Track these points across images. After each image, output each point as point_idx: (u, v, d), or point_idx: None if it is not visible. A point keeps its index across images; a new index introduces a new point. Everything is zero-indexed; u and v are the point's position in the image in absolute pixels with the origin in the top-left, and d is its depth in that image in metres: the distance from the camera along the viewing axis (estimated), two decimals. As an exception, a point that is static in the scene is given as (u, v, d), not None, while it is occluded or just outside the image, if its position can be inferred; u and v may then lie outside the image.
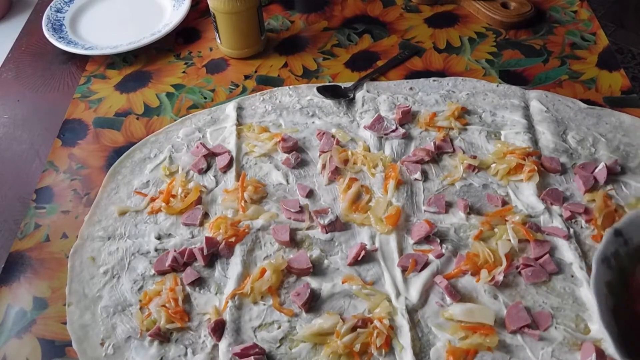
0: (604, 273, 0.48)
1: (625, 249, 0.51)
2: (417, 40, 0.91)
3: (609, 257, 0.49)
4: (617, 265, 0.50)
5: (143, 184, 0.73)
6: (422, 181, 0.71)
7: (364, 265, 0.63)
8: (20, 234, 0.69)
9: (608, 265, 0.49)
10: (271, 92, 0.83)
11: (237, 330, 0.59)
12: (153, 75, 0.89)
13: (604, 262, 0.49)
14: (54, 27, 0.95)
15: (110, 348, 0.58)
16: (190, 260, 0.64)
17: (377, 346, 0.56)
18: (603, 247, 0.50)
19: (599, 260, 0.49)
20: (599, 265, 0.49)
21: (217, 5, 0.84)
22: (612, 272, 0.49)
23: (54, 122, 0.83)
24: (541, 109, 0.77)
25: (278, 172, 0.73)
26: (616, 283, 0.49)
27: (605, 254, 0.49)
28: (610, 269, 0.49)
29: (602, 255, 0.49)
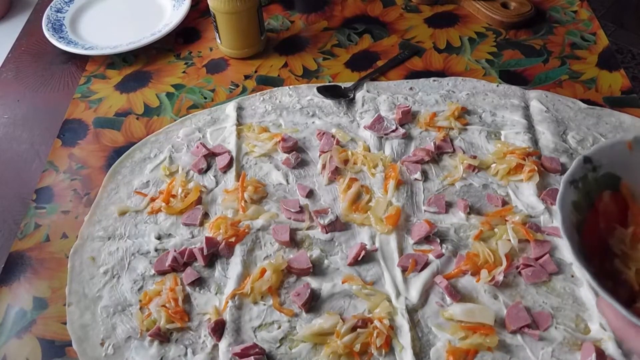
0: (571, 193, 0.50)
1: (593, 174, 0.52)
2: (417, 40, 0.92)
3: (577, 180, 0.51)
4: (584, 188, 0.51)
5: (143, 184, 0.73)
6: (422, 181, 0.71)
7: (364, 265, 0.63)
8: (20, 234, 0.69)
9: (575, 187, 0.51)
10: (271, 92, 0.83)
11: (237, 330, 0.59)
12: (153, 75, 0.89)
13: (571, 183, 0.50)
14: (54, 27, 0.95)
15: (110, 348, 0.58)
16: (190, 260, 0.64)
17: (377, 346, 0.56)
18: (572, 171, 0.51)
19: (567, 181, 0.50)
20: (567, 186, 0.50)
21: (217, 5, 0.84)
22: (579, 193, 0.51)
23: (54, 122, 0.83)
24: (541, 109, 0.77)
25: (278, 172, 0.73)
26: (582, 203, 0.51)
27: (574, 177, 0.51)
28: (577, 190, 0.51)
29: (570, 178, 0.51)
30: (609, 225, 0.52)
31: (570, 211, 0.49)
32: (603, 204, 0.52)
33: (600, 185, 0.52)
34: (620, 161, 0.53)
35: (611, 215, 0.53)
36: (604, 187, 0.53)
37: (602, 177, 0.52)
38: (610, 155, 0.52)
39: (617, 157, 0.53)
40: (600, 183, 0.52)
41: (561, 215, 0.48)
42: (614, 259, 0.50)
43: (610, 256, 0.51)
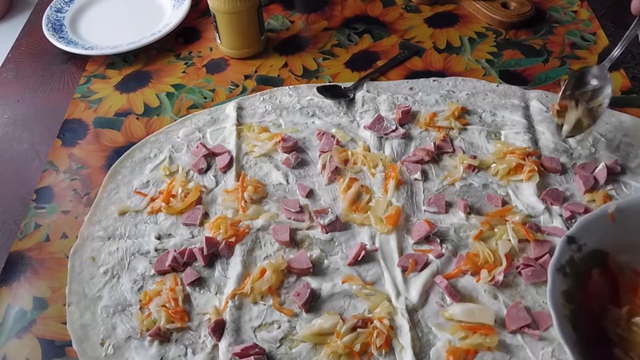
0: (560, 283, 0.48)
1: (579, 254, 0.50)
2: (417, 40, 0.91)
3: (564, 266, 0.49)
4: (572, 272, 0.50)
5: (143, 184, 0.73)
6: (422, 181, 0.71)
7: (364, 265, 0.63)
8: (20, 234, 0.69)
9: (563, 273, 0.49)
10: (271, 92, 0.83)
11: (237, 330, 0.59)
12: (153, 75, 0.89)
13: (559, 271, 0.49)
14: (54, 27, 0.95)
15: (110, 348, 0.58)
16: (190, 260, 0.64)
17: (377, 346, 0.56)
18: (557, 256, 0.49)
19: (554, 269, 0.48)
20: (555, 275, 0.48)
21: (217, 5, 0.84)
22: (568, 280, 0.49)
23: (54, 122, 0.83)
24: (541, 109, 0.77)
25: (278, 172, 0.73)
26: (573, 290, 0.49)
27: (560, 263, 0.49)
28: (565, 277, 0.49)
29: (557, 265, 0.49)
30: (602, 306, 0.50)
31: (562, 304, 0.47)
32: (593, 283, 0.50)
33: (587, 264, 0.50)
34: (605, 235, 0.51)
35: (602, 295, 0.50)
36: (592, 266, 0.50)
37: (588, 255, 0.50)
38: (594, 231, 0.50)
39: (601, 231, 0.51)
40: (587, 262, 0.50)
41: (554, 312, 0.45)
42: (614, 348, 0.48)
43: (609, 342, 0.49)
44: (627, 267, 0.51)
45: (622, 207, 0.51)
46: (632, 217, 0.51)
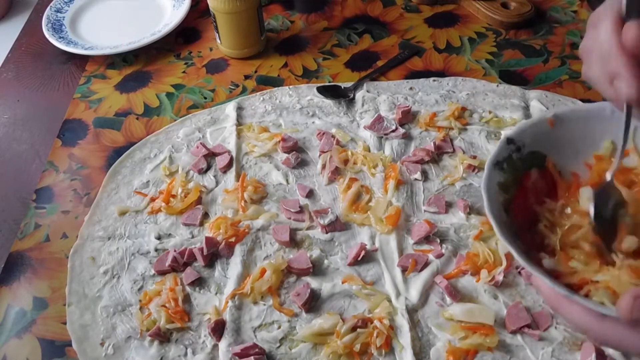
0: (496, 175, 0.50)
1: (518, 154, 0.52)
2: (417, 40, 0.91)
3: (502, 162, 0.51)
4: (509, 168, 0.52)
5: (143, 184, 0.73)
6: (422, 181, 0.71)
7: (364, 265, 0.63)
8: (20, 234, 0.69)
9: (500, 168, 0.51)
10: (271, 92, 0.83)
11: (237, 330, 0.59)
12: (153, 75, 0.89)
13: (496, 165, 0.51)
14: (54, 27, 0.95)
15: (110, 348, 0.58)
16: (190, 260, 0.64)
17: (377, 346, 0.56)
18: (496, 153, 0.51)
19: (491, 164, 0.51)
20: (491, 168, 0.50)
21: (217, 5, 0.84)
22: (504, 174, 0.51)
23: (54, 122, 0.83)
24: (541, 109, 0.77)
25: (278, 172, 0.73)
26: (508, 183, 0.51)
27: (498, 159, 0.51)
28: (502, 171, 0.51)
29: (494, 160, 0.51)
30: (539, 199, 0.52)
31: (497, 192, 0.50)
32: (531, 181, 0.53)
33: (526, 164, 0.53)
34: (544, 139, 0.53)
35: (541, 191, 0.53)
36: (530, 166, 0.53)
37: (527, 156, 0.53)
38: (533, 134, 0.53)
39: (540, 135, 0.53)
40: (526, 162, 0.53)
41: (486, 196, 0.48)
42: (538, 224, 0.51)
43: (535, 222, 0.51)
44: (564, 169, 0.54)
45: (560, 114, 0.54)
46: (569, 123, 0.53)
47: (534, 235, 0.50)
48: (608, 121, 0.52)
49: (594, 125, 0.53)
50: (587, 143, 0.54)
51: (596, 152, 0.53)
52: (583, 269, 0.46)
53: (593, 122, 0.53)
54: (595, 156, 0.53)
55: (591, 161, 0.53)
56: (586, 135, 0.53)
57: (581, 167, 0.53)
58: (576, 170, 0.54)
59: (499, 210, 0.48)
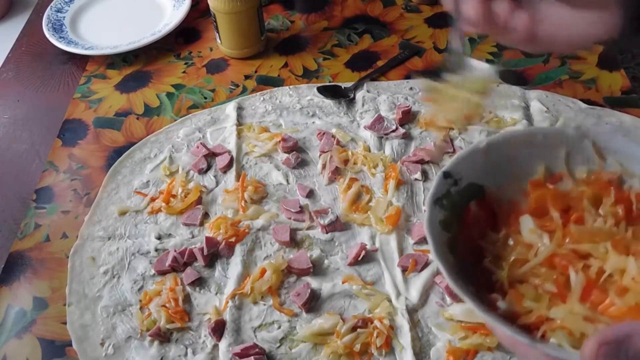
0: (437, 213, 0.50)
1: (456, 188, 0.52)
2: (417, 40, 0.91)
3: (441, 198, 0.50)
4: (449, 204, 0.51)
5: (143, 184, 0.73)
6: (423, 181, 0.71)
7: (364, 265, 0.63)
8: (20, 234, 0.69)
9: (440, 205, 0.50)
10: (271, 92, 0.83)
11: (237, 330, 0.59)
12: (153, 75, 0.89)
13: (436, 203, 0.50)
14: (54, 27, 0.95)
15: (110, 348, 0.58)
16: (190, 260, 0.64)
17: (377, 346, 0.56)
18: (434, 190, 0.51)
19: (432, 202, 0.50)
20: (432, 207, 0.49)
21: (217, 5, 0.84)
22: (445, 211, 0.50)
23: (54, 122, 0.83)
24: (541, 109, 0.77)
25: (278, 172, 0.73)
26: (450, 220, 0.50)
27: (437, 196, 0.50)
28: (442, 208, 0.50)
29: (433, 198, 0.50)
30: (482, 232, 0.52)
31: (440, 231, 0.49)
32: (472, 214, 0.52)
33: (464, 197, 0.52)
34: (479, 169, 0.52)
35: (482, 224, 0.52)
36: (469, 199, 0.52)
37: (465, 189, 0.52)
38: (468, 166, 0.52)
39: (475, 165, 0.52)
40: (465, 195, 0.52)
41: (430, 238, 0.47)
42: (483, 260, 0.50)
43: (480, 257, 0.50)
44: (503, 198, 0.53)
45: (492, 142, 0.53)
46: (502, 151, 0.53)
47: (481, 272, 0.49)
48: (541, 146, 0.53)
49: (527, 151, 0.53)
50: (522, 170, 0.53)
51: (532, 178, 0.53)
52: (537, 307, 0.45)
53: (526, 148, 0.53)
54: (531, 182, 0.53)
55: (528, 187, 0.53)
56: (520, 161, 0.53)
57: (519, 194, 0.53)
58: (514, 197, 0.53)
59: (445, 252, 0.47)
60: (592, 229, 0.49)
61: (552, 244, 0.48)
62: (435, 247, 0.46)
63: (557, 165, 0.53)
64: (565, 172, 0.53)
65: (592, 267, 0.47)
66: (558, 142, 0.53)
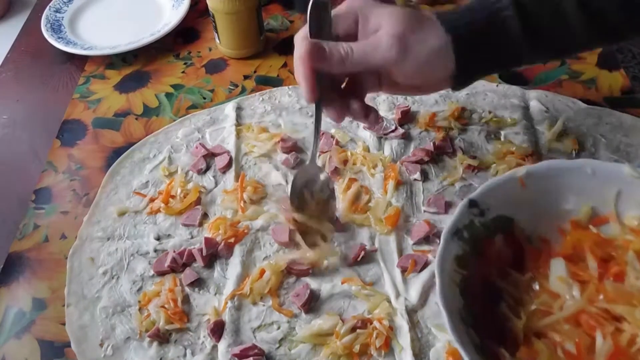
0: (454, 247, 0.44)
1: (481, 219, 0.46)
2: (417, 40, 0.91)
3: (461, 230, 0.45)
4: (470, 237, 0.45)
5: (142, 184, 0.73)
6: (422, 181, 0.71)
7: (363, 265, 0.63)
8: (19, 235, 0.69)
9: (459, 237, 0.45)
10: (270, 92, 0.83)
11: (237, 331, 0.59)
12: (152, 75, 0.89)
13: (454, 234, 0.45)
14: (53, 27, 0.95)
15: (109, 349, 0.58)
16: (189, 261, 0.64)
17: (376, 347, 0.56)
18: (455, 219, 0.45)
19: (450, 233, 0.45)
20: (449, 239, 0.44)
21: (216, 5, 0.83)
22: (465, 245, 0.45)
23: (53, 122, 0.83)
24: (541, 109, 0.77)
25: (277, 172, 0.73)
26: (468, 255, 0.45)
27: (458, 227, 0.45)
28: (461, 241, 0.45)
29: (453, 228, 0.45)
30: (503, 272, 0.46)
31: (453, 270, 0.43)
32: (495, 250, 0.47)
33: (490, 229, 0.47)
34: (512, 200, 0.47)
35: (505, 261, 0.47)
36: (494, 232, 0.47)
37: (492, 220, 0.47)
38: (500, 196, 0.47)
39: (508, 196, 0.47)
40: (490, 228, 0.47)
41: (439, 278, 0.41)
42: (501, 303, 0.45)
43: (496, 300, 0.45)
44: (534, 234, 0.48)
45: (533, 171, 0.48)
46: (543, 182, 0.48)
47: (495, 318, 0.44)
48: (587, 182, 0.47)
49: (572, 185, 0.48)
50: (563, 206, 0.48)
51: (574, 217, 0.47)
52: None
53: (571, 182, 0.48)
54: (572, 222, 0.47)
55: (566, 226, 0.47)
56: (562, 196, 0.48)
57: (554, 233, 0.48)
58: (547, 236, 0.48)
59: (454, 296, 0.42)
60: (631, 289, 0.43)
61: (582, 299, 0.42)
62: (442, 290, 0.41)
63: (605, 205, 0.47)
64: (613, 215, 0.47)
65: (625, 333, 0.41)
66: (610, 179, 0.47)
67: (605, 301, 0.42)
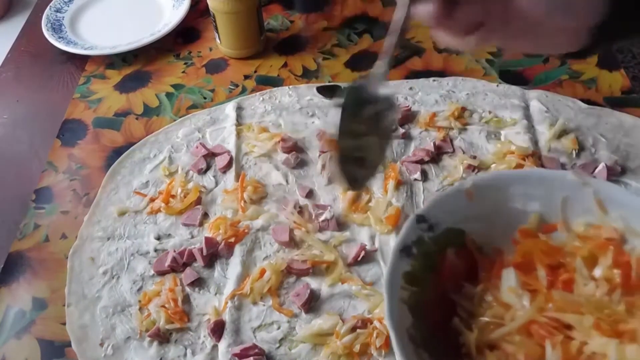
0: (402, 264, 0.43)
1: (430, 234, 0.45)
2: (417, 40, 0.91)
3: (410, 246, 0.44)
4: (420, 253, 0.45)
5: (142, 184, 0.73)
6: (422, 181, 0.71)
7: (363, 265, 0.63)
8: (20, 235, 0.69)
9: (408, 254, 0.44)
10: (271, 92, 0.83)
11: (237, 331, 0.59)
12: (152, 75, 0.89)
13: (403, 252, 0.44)
14: (53, 27, 0.95)
15: (110, 348, 0.58)
16: (189, 261, 0.64)
17: (376, 347, 0.56)
18: (403, 236, 0.44)
19: (397, 251, 0.44)
20: (397, 257, 0.43)
21: (216, 5, 0.83)
22: (414, 262, 0.44)
23: (53, 122, 0.83)
24: (541, 109, 0.77)
25: (278, 172, 0.73)
26: (418, 272, 0.44)
27: (406, 243, 0.44)
28: (410, 258, 0.44)
29: (401, 245, 0.44)
30: (457, 285, 0.46)
31: (402, 287, 0.42)
32: (448, 263, 0.46)
33: (440, 243, 0.46)
34: (461, 213, 0.47)
35: (459, 275, 0.46)
36: (446, 245, 0.46)
37: (443, 234, 0.46)
38: (448, 209, 0.46)
39: (457, 209, 0.47)
40: (440, 241, 0.46)
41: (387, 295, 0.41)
42: (454, 318, 0.44)
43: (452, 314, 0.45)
44: (487, 245, 0.47)
45: (479, 182, 0.47)
46: (490, 192, 0.47)
47: (449, 333, 0.44)
48: (534, 189, 0.48)
49: (519, 194, 0.47)
50: (512, 215, 0.48)
51: (523, 226, 0.47)
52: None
53: (518, 191, 0.48)
54: (520, 231, 0.47)
55: (516, 236, 0.47)
56: (510, 205, 0.48)
57: (506, 243, 0.47)
58: (500, 246, 0.47)
59: (402, 314, 0.41)
60: (579, 298, 0.43)
61: (531, 309, 0.42)
62: (389, 308, 0.41)
63: (552, 213, 0.48)
64: (561, 222, 0.47)
65: (574, 341, 0.41)
66: (555, 187, 0.47)
67: (554, 310, 0.42)
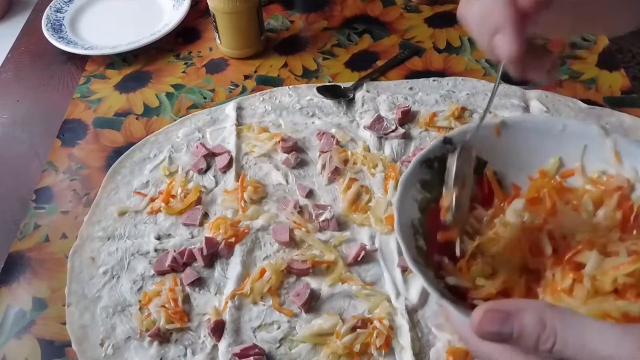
0: (420, 172, 0.45)
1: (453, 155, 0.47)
2: (417, 40, 0.91)
3: (432, 160, 0.46)
4: (440, 167, 0.46)
5: (143, 184, 0.73)
6: (422, 181, 0.71)
7: (363, 265, 0.63)
8: (20, 234, 0.69)
9: (429, 166, 0.46)
10: (271, 92, 0.83)
11: (237, 331, 0.59)
12: (153, 75, 0.89)
13: (424, 163, 0.45)
14: (53, 27, 0.95)
15: (110, 348, 0.58)
16: (189, 261, 0.64)
17: (376, 346, 0.56)
18: (427, 150, 0.46)
19: (419, 161, 0.45)
20: (417, 165, 0.45)
21: (216, 5, 0.84)
22: (433, 172, 0.46)
23: (53, 122, 0.83)
24: (541, 109, 0.77)
25: (278, 172, 0.73)
26: (434, 181, 0.46)
27: (428, 156, 0.46)
28: (430, 170, 0.46)
29: (424, 157, 0.45)
30: (471, 206, 0.48)
31: (417, 189, 0.44)
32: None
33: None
34: (487, 145, 0.49)
35: (474, 199, 0.48)
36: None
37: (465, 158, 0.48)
38: (476, 139, 0.48)
39: (483, 140, 0.49)
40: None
41: (401, 187, 0.42)
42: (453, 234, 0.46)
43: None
44: (505, 180, 0.50)
45: (508, 121, 0.50)
46: (516, 133, 0.50)
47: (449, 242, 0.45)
48: (558, 137, 0.50)
49: (543, 138, 0.50)
50: (534, 156, 0.50)
51: (541, 167, 0.50)
52: (488, 284, 0.42)
53: (542, 136, 0.50)
54: (540, 171, 0.50)
55: (535, 175, 0.50)
56: (533, 148, 0.50)
57: (524, 181, 0.50)
58: (518, 182, 0.50)
59: (411, 207, 0.43)
60: (580, 219, 0.45)
61: (528, 220, 0.44)
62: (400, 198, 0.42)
63: (572, 159, 0.50)
64: (579, 167, 0.50)
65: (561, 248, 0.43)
66: (578, 136, 0.50)
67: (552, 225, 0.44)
